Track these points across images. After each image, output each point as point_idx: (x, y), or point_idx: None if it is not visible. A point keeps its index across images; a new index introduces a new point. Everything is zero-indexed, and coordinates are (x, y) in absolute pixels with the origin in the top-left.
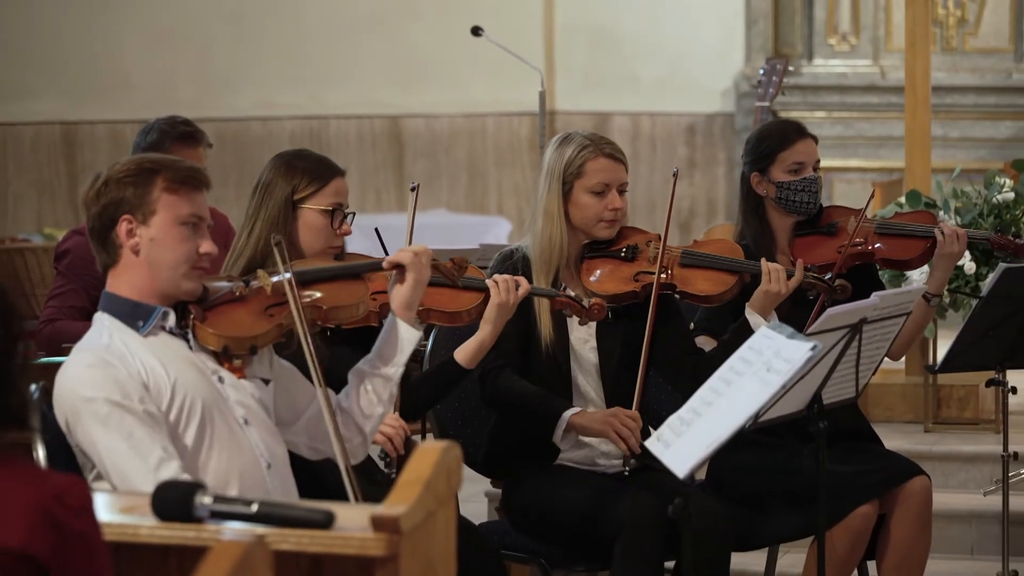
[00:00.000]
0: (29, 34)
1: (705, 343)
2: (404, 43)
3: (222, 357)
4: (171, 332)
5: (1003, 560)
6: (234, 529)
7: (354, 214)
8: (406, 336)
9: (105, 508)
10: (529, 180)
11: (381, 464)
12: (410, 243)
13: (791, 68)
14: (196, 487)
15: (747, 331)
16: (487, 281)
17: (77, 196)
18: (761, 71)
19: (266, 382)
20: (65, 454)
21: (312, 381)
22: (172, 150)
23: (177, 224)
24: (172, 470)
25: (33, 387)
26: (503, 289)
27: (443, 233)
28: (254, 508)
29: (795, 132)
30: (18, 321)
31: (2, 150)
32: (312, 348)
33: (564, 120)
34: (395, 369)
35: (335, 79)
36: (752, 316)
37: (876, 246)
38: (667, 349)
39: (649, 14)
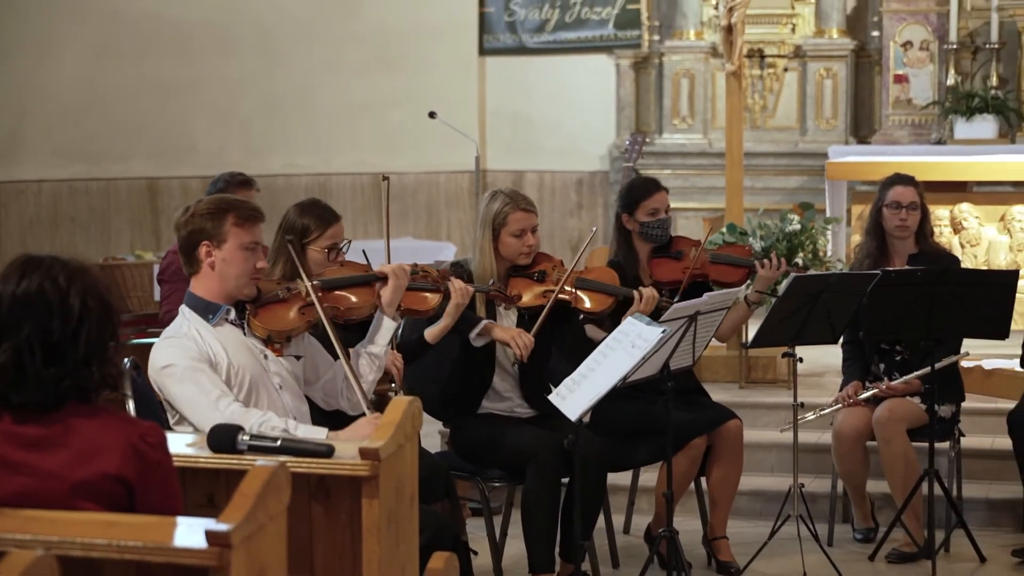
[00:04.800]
0: (124, 113)
1: (592, 331)
2: (385, 123)
3: (267, 342)
4: (232, 323)
5: (793, 476)
6: (264, 458)
7: (350, 242)
8: (387, 326)
9: (175, 444)
10: (468, 217)
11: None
12: (387, 221)
13: (648, 140)
14: (238, 429)
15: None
16: (447, 285)
17: (159, 229)
18: (627, 142)
19: (298, 358)
20: (147, 408)
21: (334, 357)
22: (234, 192)
23: (242, 249)
24: (228, 403)
25: (125, 361)
26: (459, 292)
27: (410, 254)
28: (279, 443)
29: (653, 186)
30: (116, 315)
31: (106, 198)
32: (335, 333)
33: (492, 176)
34: (380, 348)
35: (338, 148)
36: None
37: (710, 269)
38: (566, 339)
39: (551, 103)
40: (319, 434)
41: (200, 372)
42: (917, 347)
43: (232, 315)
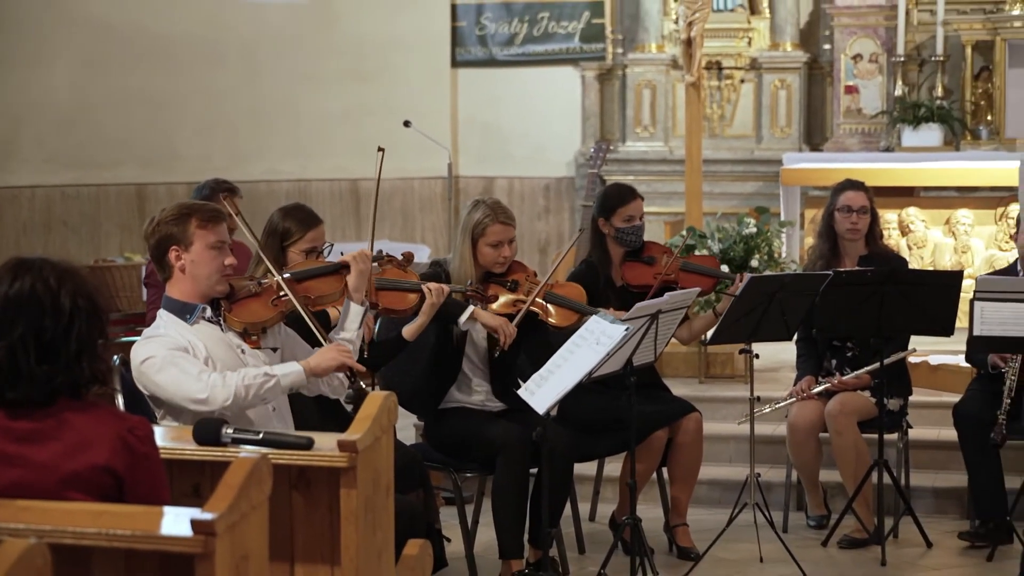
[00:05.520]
0: (113, 122)
1: None
2: (362, 131)
3: (244, 335)
4: (209, 320)
5: (750, 466)
6: (247, 450)
7: (332, 245)
8: (355, 311)
9: (162, 437)
10: (442, 220)
11: (349, 408)
12: (378, 181)
13: (612, 147)
14: (223, 422)
15: None
16: (423, 287)
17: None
18: (592, 149)
19: (274, 350)
20: (136, 402)
21: (311, 344)
22: (218, 199)
23: (209, 248)
24: (208, 374)
25: (115, 358)
26: (434, 293)
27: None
28: (261, 436)
29: (630, 194)
30: (105, 314)
31: (97, 203)
32: (311, 317)
33: (464, 182)
34: (351, 333)
35: (317, 155)
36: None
37: (680, 277)
38: (532, 347)
39: (520, 113)
40: (295, 368)
41: (179, 357)
42: (867, 344)
43: (208, 313)
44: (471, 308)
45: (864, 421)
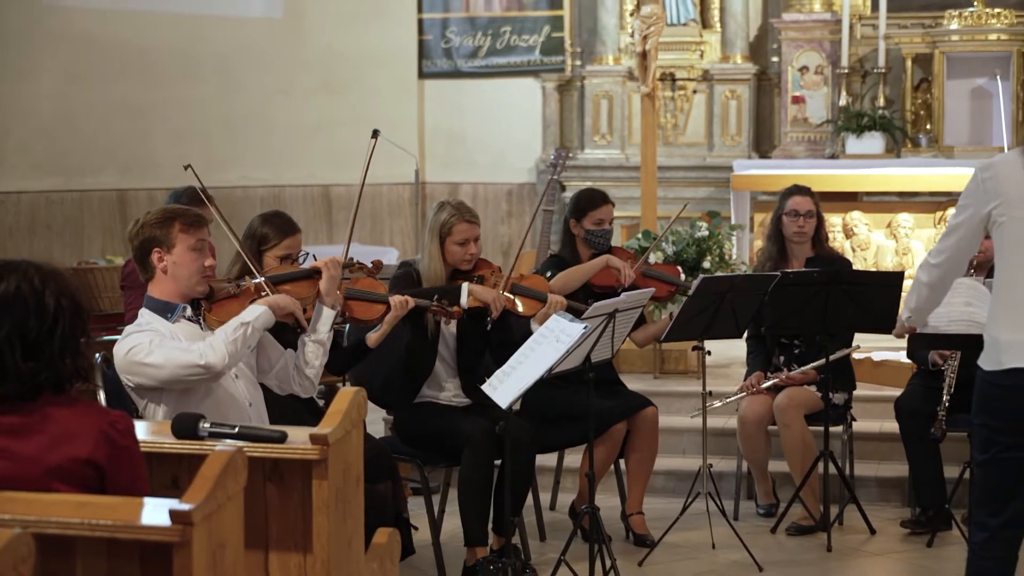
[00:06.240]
0: (96, 131)
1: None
2: (333, 140)
3: None
4: (189, 319)
5: (703, 457)
6: (223, 443)
7: (307, 254)
8: (326, 314)
9: (142, 431)
10: (409, 224)
11: (320, 403)
12: (364, 176)
13: (571, 155)
14: (200, 417)
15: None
16: (389, 299)
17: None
18: (552, 156)
19: (250, 347)
20: (117, 398)
21: (285, 345)
22: (193, 205)
23: (190, 250)
24: (197, 344)
25: (97, 355)
26: (398, 305)
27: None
28: (236, 430)
29: (601, 199)
30: (87, 313)
31: (80, 208)
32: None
33: (431, 188)
34: (322, 335)
35: (289, 163)
36: (534, 326)
37: (641, 282)
38: (499, 336)
39: (483, 122)
40: (260, 309)
41: (164, 339)
42: (813, 341)
43: (189, 312)
44: (465, 286)
45: (811, 414)
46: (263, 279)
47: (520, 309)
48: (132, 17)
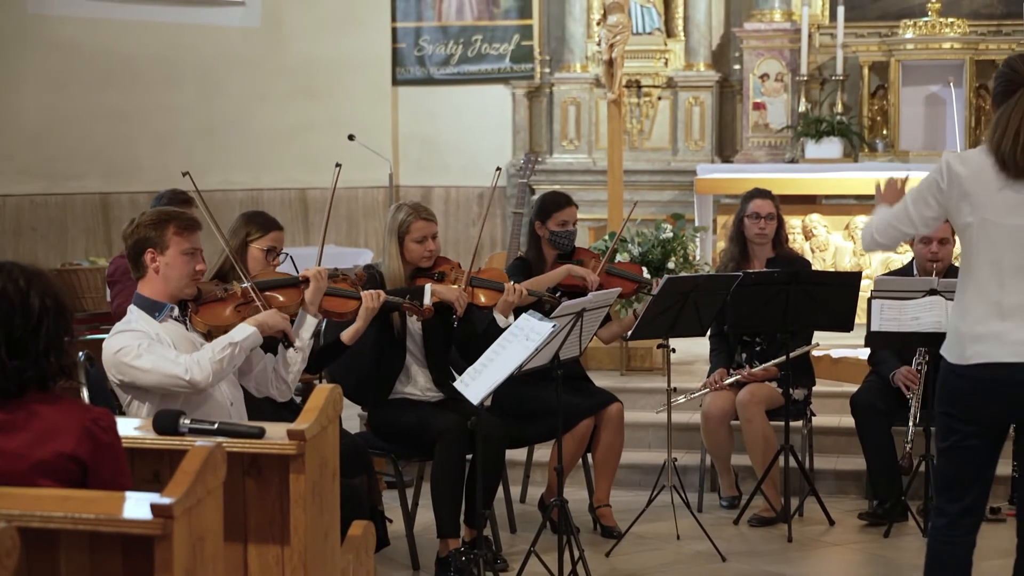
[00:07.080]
0: (80, 137)
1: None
2: (310, 144)
3: (207, 336)
4: (175, 319)
5: (668, 451)
6: (203, 439)
7: (288, 255)
8: (309, 322)
9: (124, 427)
10: (383, 227)
11: (298, 400)
12: (332, 193)
13: (540, 159)
14: (180, 414)
15: (495, 326)
16: (361, 294)
17: (111, 238)
18: (522, 161)
19: None
20: (100, 395)
21: (265, 350)
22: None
23: (183, 254)
24: (184, 357)
25: (80, 354)
26: (371, 300)
27: (333, 259)
28: (216, 426)
29: (565, 201)
30: (70, 312)
31: (64, 211)
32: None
33: (404, 191)
34: (303, 342)
35: (268, 166)
36: (497, 316)
37: (605, 280)
38: (464, 330)
39: (455, 127)
40: (249, 330)
41: (153, 344)
42: (774, 339)
43: (175, 312)
44: (428, 287)
45: (772, 409)
46: (250, 284)
47: (482, 300)
48: (116, 26)
